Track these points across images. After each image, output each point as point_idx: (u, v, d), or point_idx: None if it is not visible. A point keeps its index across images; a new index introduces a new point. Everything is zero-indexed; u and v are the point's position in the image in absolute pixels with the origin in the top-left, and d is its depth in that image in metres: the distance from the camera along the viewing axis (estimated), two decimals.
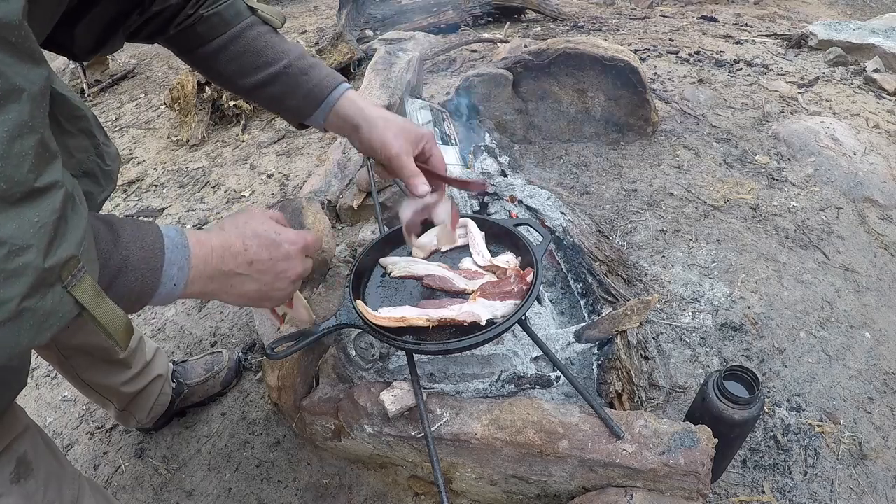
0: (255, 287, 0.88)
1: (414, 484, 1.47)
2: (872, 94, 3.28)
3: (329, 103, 1.08)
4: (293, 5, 6.21)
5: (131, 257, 0.70)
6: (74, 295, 0.56)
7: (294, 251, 0.93)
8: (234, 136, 3.41)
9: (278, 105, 1.09)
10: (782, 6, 5.65)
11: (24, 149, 0.50)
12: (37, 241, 0.51)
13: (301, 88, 1.06)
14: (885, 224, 2.30)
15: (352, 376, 1.53)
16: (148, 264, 0.73)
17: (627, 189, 2.44)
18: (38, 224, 0.51)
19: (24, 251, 0.50)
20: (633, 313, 1.54)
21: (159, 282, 0.74)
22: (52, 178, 0.53)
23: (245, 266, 0.86)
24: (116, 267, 0.69)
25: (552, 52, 2.58)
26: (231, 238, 0.85)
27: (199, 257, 0.80)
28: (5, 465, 0.88)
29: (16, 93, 0.49)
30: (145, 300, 0.75)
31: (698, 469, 1.14)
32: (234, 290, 0.86)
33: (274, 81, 1.05)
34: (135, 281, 0.71)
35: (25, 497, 0.90)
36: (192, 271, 0.78)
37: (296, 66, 1.05)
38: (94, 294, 0.59)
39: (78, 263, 0.56)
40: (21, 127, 0.49)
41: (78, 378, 1.43)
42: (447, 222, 1.25)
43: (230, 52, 1.02)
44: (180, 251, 0.77)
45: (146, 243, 0.73)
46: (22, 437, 0.93)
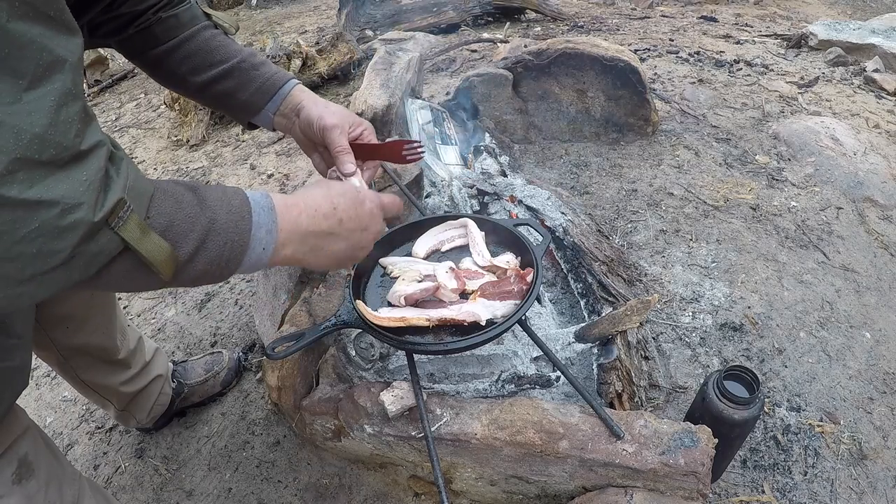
0: (344, 245, 0.90)
1: (414, 484, 1.47)
2: (872, 94, 3.28)
3: (281, 95, 1.10)
4: (293, 5, 6.21)
5: (218, 219, 0.71)
6: (121, 234, 0.59)
7: (375, 208, 0.95)
8: (234, 136, 3.41)
9: (229, 100, 1.10)
10: (782, 6, 5.65)
11: (70, 115, 0.53)
12: (87, 198, 0.54)
13: (254, 82, 1.08)
14: (885, 224, 2.30)
15: (352, 376, 1.53)
16: (236, 227, 0.73)
17: (627, 189, 2.44)
18: (86, 182, 0.55)
19: (76, 209, 0.53)
20: (633, 313, 1.54)
21: (248, 245, 0.74)
22: (95, 138, 0.57)
23: (336, 225, 0.87)
24: (203, 230, 0.69)
25: (552, 52, 2.58)
26: (318, 199, 0.87)
27: (289, 220, 0.80)
28: (7, 467, 0.89)
29: (59, 63, 0.52)
30: (234, 265, 0.75)
31: (698, 469, 1.14)
32: (325, 250, 0.88)
33: (227, 76, 1.07)
34: (224, 244, 0.71)
35: (27, 497, 0.90)
36: (280, 234, 0.79)
37: (248, 62, 1.08)
38: (140, 231, 0.61)
39: (124, 205, 0.59)
40: (66, 95, 0.53)
41: (77, 379, 1.43)
42: None
43: (183, 52, 1.05)
44: (267, 214, 0.77)
45: (232, 206, 0.73)
46: (23, 437, 0.93)
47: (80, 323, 1.31)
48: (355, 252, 0.94)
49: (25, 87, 0.50)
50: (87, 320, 1.32)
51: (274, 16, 5.89)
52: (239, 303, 2.16)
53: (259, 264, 0.78)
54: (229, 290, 2.23)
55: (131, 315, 2.19)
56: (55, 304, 1.22)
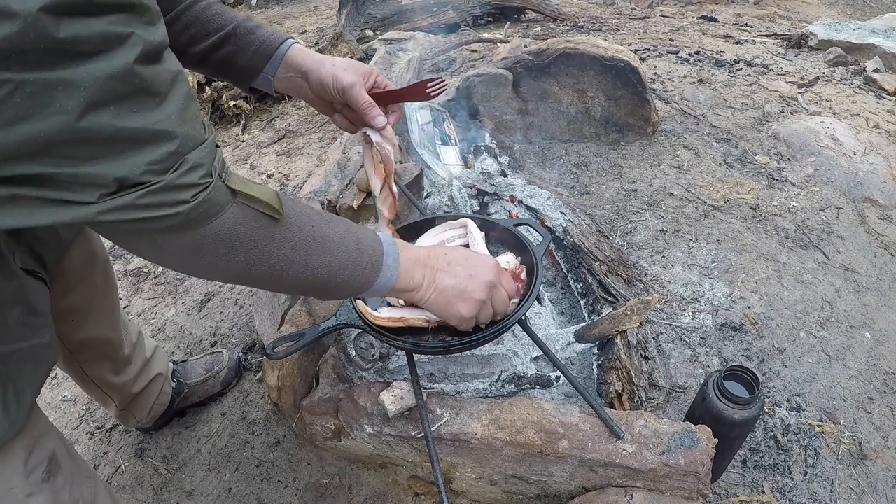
0: (453, 283, 1.03)
1: (414, 484, 1.47)
2: (872, 94, 3.28)
3: (279, 56, 1.10)
4: (293, 5, 6.22)
5: (363, 242, 0.89)
6: (229, 185, 0.72)
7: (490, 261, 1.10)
8: (233, 136, 3.41)
9: (229, 67, 1.11)
10: (782, 6, 5.65)
11: (194, 112, 0.67)
12: (207, 161, 0.69)
13: (251, 45, 1.09)
14: (885, 224, 2.30)
15: (352, 376, 1.53)
16: (374, 250, 0.91)
17: (627, 189, 2.44)
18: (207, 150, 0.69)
19: (205, 167, 0.68)
20: (633, 313, 1.54)
21: (381, 267, 0.91)
22: (206, 131, 0.70)
23: (444, 264, 1.04)
24: (356, 249, 0.88)
25: (552, 52, 2.58)
26: (435, 250, 1.07)
27: (411, 252, 1.01)
28: (38, 465, 0.90)
29: (177, 76, 0.65)
30: (368, 284, 0.91)
31: (698, 469, 1.14)
32: (437, 284, 1.02)
33: (224, 43, 1.08)
34: (368, 263, 0.89)
35: (54, 494, 0.91)
36: (401, 260, 0.96)
37: (244, 27, 1.09)
38: (242, 182, 0.74)
39: (225, 164, 0.73)
40: (188, 97, 0.66)
41: (82, 373, 1.43)
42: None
43: (181, 23, 1.05)
44: (391, 246, 0.95)
45: (367, 235, 0.91)
46: (47, 434, 0.94)
47: (85, 315, 1.32)
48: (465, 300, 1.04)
49: (160, 101, 0.62)
50: (91, 312, 1.33)
51: (274, 16, 5.89)
52: (239, 303, 2.16)
53: (385, 287, 0.94)
54: (229, 290, 2.23)
55: (131, 315, 2.19)
56: (59, 297, 1.22)
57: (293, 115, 3.57)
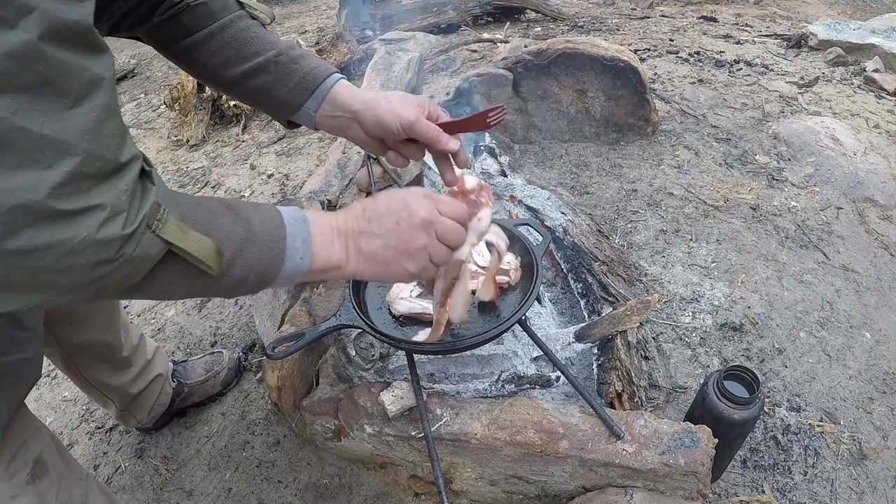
0: (381, 243, 0.84)
1: (414, 484, 1.47)
2: (872, 94, 3.28)
3: (322, 91, 1.02)
4: (293, 5, 6.21)
5: (253, 229, 0.72)
6: (162, 236, 0.61)
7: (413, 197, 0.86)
8: (234, 136, 3.41)
9: (267, 97, 1.03)
10: (782, 6, 5.65)
11: (111, 129, 0.56)
12: (127, 206, 0.58)
13: (292, 77, 1.00)
14: (885, 224, 2.30)
15: (352, 376, 1.53)
16: (271, 236, 0.74)
17: (627, 189, 2.44)
18: (127, 192, 0.57)
19: (118, 216, 0.57)
20: (633, 313, 1.54)
21: (284, 254, 0.75)
22: (132, 152, 0.60)
23: (364, 223, 0.85)
24: (239, 238, 0.71)
25: (552, 52, 2.58)
26: (354, 207, 0.87)
27: (324, 224, 0.82)
28: (23, 467, 0.89)
29: (98, 81, 0.54)
30: (272, 275, 0.75)
31: (698, 469, 1.14)
32: (364, 251, 0.84)
33: (263, 71, 1.00)
34: (260, 253, 0.72)
35: (39, 497, 0.90)
36: (313, 238, 0.79)
37: (286, 55, 1.00)
38: (180, 231, 0.64)
39: (160, 209, 0.62)
40: (106, 111, 0.55)
41: (81, 376, 1.43)
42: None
43: (215, 43, 0.98)
44: (300, 224, 0.78)
45: (265, 217, 0.74)
46: (36, 436, 0.93)
47: (84, 320, 1.31)
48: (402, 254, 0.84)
49: (70, 104, 0.52)
50: (90, 317, 1.32)
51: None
52: (239, 303, 2.16)
53: (297, 273, 0.79)
54: None
55: (132, 315, 2.19)
56: None
57: None
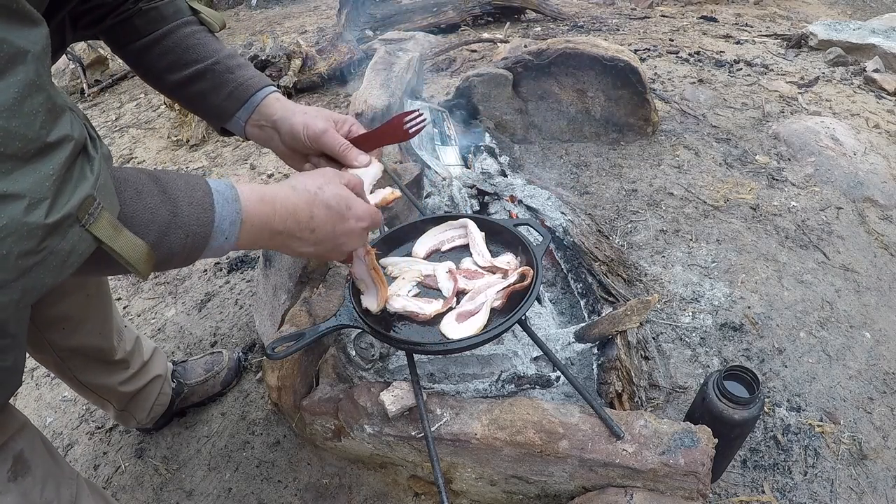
0: (311, 250, 0.92)
1: (414, 484, 1.47)
2: (872, 94, 3.28)
3: (253, 103, 1.05)
4: (293, 5, 6.22)
5: (180, 212, 0.71)
6: (92, 231, 0.58)
7: (359, 228, 0.94)
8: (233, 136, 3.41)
9: (201, 103, 1.06)
10: (782, 6, 5.65)
11: (35, 107, 0.52)
12: (52, 192, 0.53)
13: (226, 86, 1.04)
14: (885, 224, 2.30)
15: (352, 376, 1.53)
16: (198, 220, 0.73)
17: (627, 189, 2.44)
18: (52, 177, 0.53)
19: (40, 203, 0.52)
20: (633, 313, 1.54)
21: (210, 236, 0.75)
22: (62, 132, 0.55)
23: (307, 233, 0.88)
24: (165, 222, 0.69)
25: (552, 52, 2.58)
26: (299, 203, 0.86)
27: (259, 215, 0.81)
28: (2, 463, 0.88)
29: (21, 54, 0.51)
30: (196, 255, 0.76)
31: (698, 469, 1.14)
32: (290, 249, 0.89)
33: (200, 78, 1.03)
34: (186, 237, 0.72)
35: (22, 495, 0.90)
36: (243, 225, 0.79)
37: (223, 64, 1.03)
38: (112, 228, 0.61)
39: (94, 202, 0.58)
40: (30, 86, 0.51)
41: (76, 380, 1.43)
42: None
43: (162, 47, 1.01)
44: (231, 205, 0.78)
45: (195, 198, 0.73)
46: (18, 435, 0.93)
47: (77, 324, 1.30)
48: (323, 255, 0.95)
49: None
50: (83, 321, 1.32)
51: (274, 16, 5.89)
52: (239, 303, 2.16)
53: (221, 252, 0.80)
54: (229, 290, 2.23)
55: (131, 315, 2.19)
56: (50, 305, 1.22)
57: None
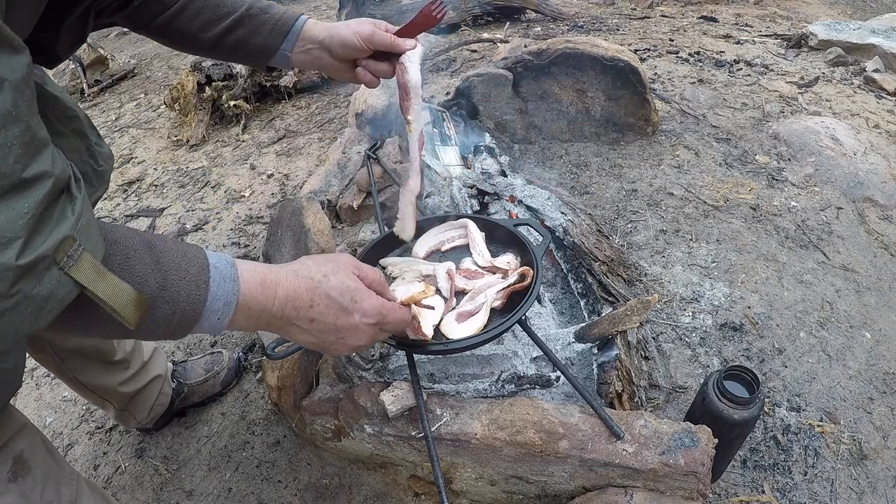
0: (312, 340, 0.86)
1: (414, 484, 1.47)
2: (872, 94, 3.28)
3: (295, 31, 1.14)
4: (293, 5, 6.21)
5: (169, 286, 0.67)
6: (72, 275, 0.54)
7: (364, 324, 0.88)
8: (234, 136, 3.41)
9: (245, 48, 1.12)
10: (782, 6, 5.65)
11: (9, 139, 0.48)
12: (25, 232, 0.49)
13: (266, 24, 1.11)
14: (885, 224, 2.30)
15: (352, 376, 1.53)
16: (188, 297, 0.68)
17: (627, 189, 2.44)
18: (26, 215, 0.50)
19: (10, 244, 0.48)
20: (633, 313, 1.54)
21: (200, 315, 0.70)
22: (41, 168, 0.52)
23: (306, 322, 0.83)
24: (151, 294, 0.65)
25: (552, 52, 2.57)
26: (300, 290, 0.82)
27: (258, 299, 0.77)
28: (2, 464, 0.89)
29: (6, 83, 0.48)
30: (184, 331, 0.71)
31: (698, 469, 1.14)
32: (290, 336, 0.86)
33: (239, 25, 1.10)
34: (173, 313, 0.67)
35: (22, 495, 0.90)
36: (238, 307, 0.75)
37: (256, 7, 1.11)
38: (95, 272, 0.56)
39: (73, 243, 0.54)
40: (4, 117, 0.48)
41: (75, 381, 1.43)
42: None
43: (191, 11, 1.07)
44: (228, 285, 0.73)
45: (189, 273, 0.69)
46: (18, 435, 0.93)
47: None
48: (325, 349, 0.89)
49: None
50: None
51: None
52: None
53: (212, 330, 0.74)
54: None
55: None
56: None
57: (293, 115, 3.57)
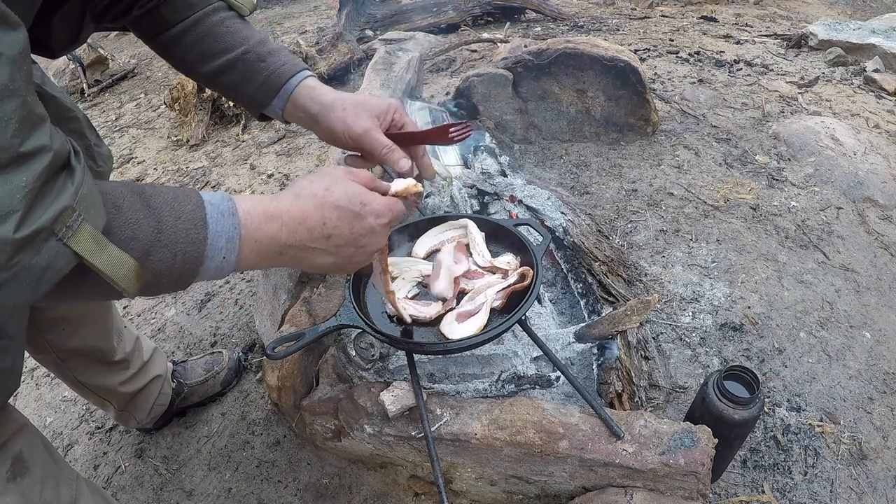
0: (331, 260, 0.83)
1: (414, 484, 1.47)
2: (872, 94, 3.28)
3: (286, 91, 1.01)
4: (293, 5, 6.21)
5: (165, 229, 0.64)
6: (71, 246, 0.54)
7: (379, 225, 0.86)
8: (234, 136, 3.41)
9: (236, 94, 1.04)
10: (782, 6, 5.65)
11: (6, 113, 0.48)
12: (24, 206, 0.50)
13: (257, 76, 1.00)
14: (885, 224, 2.30)
15: (352, 376, 1.53)
16: (187, 236, 0.66)
17: (627, 189, 2.44)
18: (24, 188, 0.50)
19: (9, 217, 0.49)
20: (633, 313, 1.54)
21: (203, 255, 0.67)
22: (39, 142, 0.52)
23: (322, 241, 0.80)
24: (148, 240, 0.63)
25: (552, 52, 2.57)
26: (308, 209, 0.78)
27: (264, 232, 0.74)
28: (1, 464, 0.89)
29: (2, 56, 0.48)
30: (189, 277, 0.68)
31: (698, 469, 1.14)
32: (306, 262, 0.82)
33: (231, 68, 1.00)
34: (173, 256, 0.65)
35: (22, 495, 0.90)
36: (243, 241, 0.71)
37: (253, 53, 1.00)
38: (94, 242, 0.56)
39: (73, 214, 0.54)
40: (1, 91, 0.48)
41: (75, 381, 1.43)
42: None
43: (191, 37, 0.98)
44: (227, 219, 0.70)
45: (183, 212, 0.66)
46: (17, 436, 0.93)
47: (76, 325, 1.30)
48: (345, 265, 0.87)
49: None
50: (82, 322, 1.32)
51: (274, 16, 5.89)
52: (239, 303, 2.16)
53: (220, 273, 0.72)
54: (229, 290, 2.23)
55: (131, 315, 2.19)
56: (50, 305, 1.22)
57: None
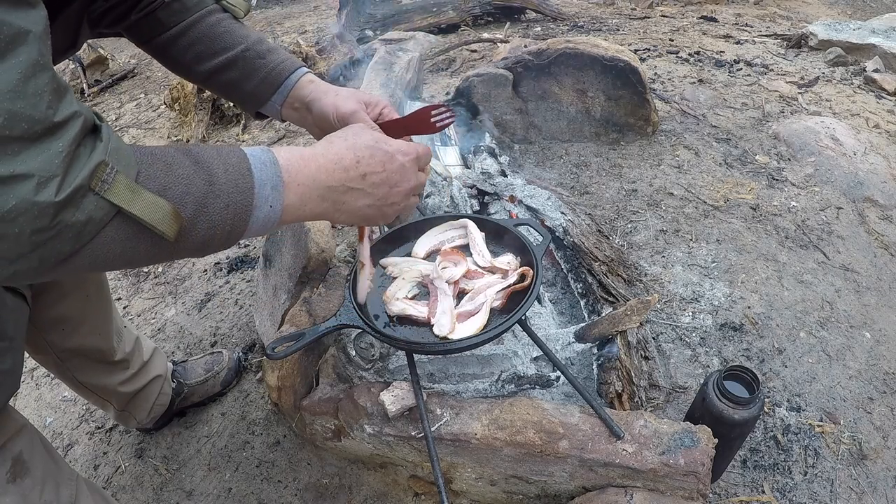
0: (368, 202, 0.85)
1: (414, 484, 1.47)
2: (872, 94, 3.28)
3: (287, 87, 1.05)
4: (293, 5, 6.22)
5: (216, 181, 0.66)
6: (108, 198, 0.57)
7: (408, 162, 0.89)
8: (234, 136, 3.41)
9: (235, 91, 1.06)
10: (782, 6, 5.65)
11: (39, 87, 0.52)
12: (62, 169, 0.53)
13: (259, 72, 1.03)
14: (885, 224, 2.30)
15: (352, 376, 1.53)
16: (236, 186, 0.68)
17: (627, 189, 2.44)
18: (61, 154, 0.53)
19: (51, 181, 0.52)
20: (633, 313, 1.54)
21: (252, 204, 0.70)
22: (70, 109, 0.55)
23: (358, 180, 0.82)
24: (201, 193, 0.65)
25: (552, 52, 2.57)
26: (341, 150, 0.82)
27: (304, 174, 0.76)
28: (1, 465, 0.89)
29: (22, 35, 0.50)
30: (241, 227, 0.70)
31: (698, 469, 1.14)
32: (346, 206, 0.83)
33: (231, 66, 1.02)
34: (226, 207, 0.67)
35: (22, 496, 0.90)
36: (289, 189, 0.74)
37: (253, 50, 1.02)
38: (129, 191, 0.59)
39: (106, 167, 0.57)
40: (33, 66, 0.51)
41: (75, 381, 1.43)
42: None
43: (188, 38, 1.00)
44: (269, 168, 0.73)
45: (230, 164, 0.69)
46: (17, 437, 0.93)
47: (76, 325, 1.30)
48: (383, 208, 0.88)
49: None
50: (82, 322, 1.32)
51: (274, 16, 5.89)
52: (239, 303, 2.16)
53: (269, 223, 0.74)
54: (229, 290, 2.23)
55: (131, 315, 2.19)
56: (50, 306, 1.22)
57: None
